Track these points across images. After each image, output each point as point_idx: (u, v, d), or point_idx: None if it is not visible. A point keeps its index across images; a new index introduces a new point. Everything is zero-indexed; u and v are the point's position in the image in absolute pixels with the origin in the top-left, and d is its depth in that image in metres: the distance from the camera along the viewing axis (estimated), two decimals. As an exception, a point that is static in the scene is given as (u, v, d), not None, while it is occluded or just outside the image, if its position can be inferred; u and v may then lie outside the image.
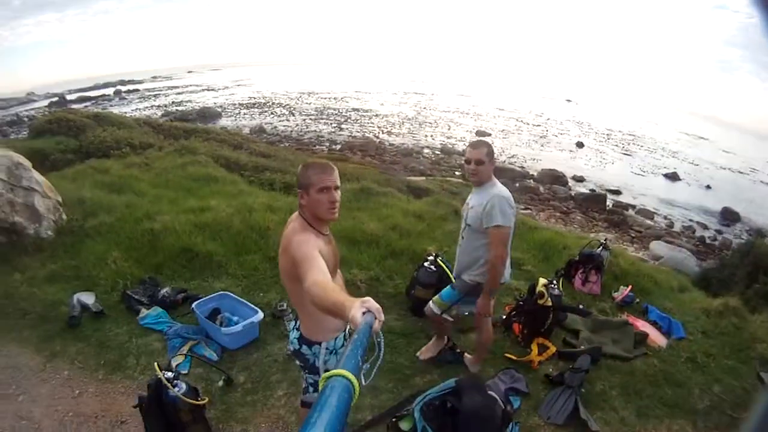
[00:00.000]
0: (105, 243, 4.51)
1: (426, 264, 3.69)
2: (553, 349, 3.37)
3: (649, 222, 14.50)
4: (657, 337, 3.71)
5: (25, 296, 3.62)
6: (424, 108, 38.06)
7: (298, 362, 2.02)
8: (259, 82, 55.44)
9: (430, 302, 2.96)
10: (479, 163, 2.54)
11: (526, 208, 12.76)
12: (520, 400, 2.91)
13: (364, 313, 1.10)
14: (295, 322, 1.99)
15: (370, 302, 1.13)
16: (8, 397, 2.67)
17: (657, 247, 9.67)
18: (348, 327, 1.99)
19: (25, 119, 16.62)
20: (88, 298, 3.66)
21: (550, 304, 3.36)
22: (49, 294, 3.68)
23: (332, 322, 1.87)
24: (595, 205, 14.94)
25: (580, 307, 3.96)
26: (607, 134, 34.01)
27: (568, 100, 56.32)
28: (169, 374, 2.23)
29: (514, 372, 3.13)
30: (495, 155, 2.68)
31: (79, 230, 4.70)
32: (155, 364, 2.24)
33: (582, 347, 3.39)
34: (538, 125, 33.99)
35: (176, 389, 2.21)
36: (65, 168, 6.93)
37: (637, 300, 4.26)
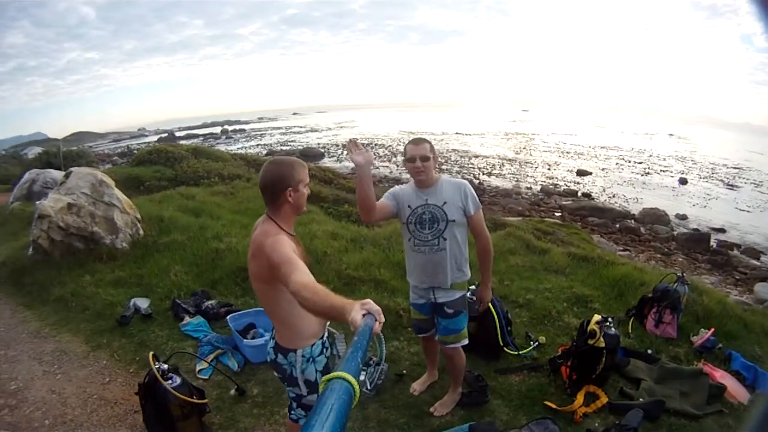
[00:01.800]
0: (171, 257, 5.21)
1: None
2: (604, 399, 3.02)
3: (755, 262, 13.22)
4: (737, 391, 3.19)
5: (89, 295, 4.35)
6: (524, 148, 38.21)
7: (276, 374, 2.03)
8: (363, 124, 59.41)
9: (453, 345, 2.81)
10: (425, 159, 2.53)
11: (624, 250, 11.91)
12: (547, 456, 2.67)
13: (364, 315, 1.14)
14: (272, 331, 2.02)
15: (371, 304, 1.18)
16: (49, 373, 3.23)
17: (762, 289, 8.39)
18: (326, 333, 2.04)
19: (135, 151, 19.81)
20: (142, 303, 4.26)
21: (602, 345, 3.05)
22: (111, 296, 4.37)
23: (308, 328, 1.91)
24: (698, 245, 14.13)
25: (648, 351, 3.52)
26: (712, 169, 32.72)
27: (671, 135, 56.25)
28: (164, 366, 2.49)
29: (551, 423, 2.85)
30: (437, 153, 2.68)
31: (152, 245, 5.50)
32: (150, 354, 2.54)
33: (641, 399, 3.01)
34: (640, 162, 33.20)
35: (168, 382, 2.45)
36: (157, 193, 8.15)
37: (720, 345, 3.72)
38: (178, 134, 46.44)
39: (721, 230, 17.04)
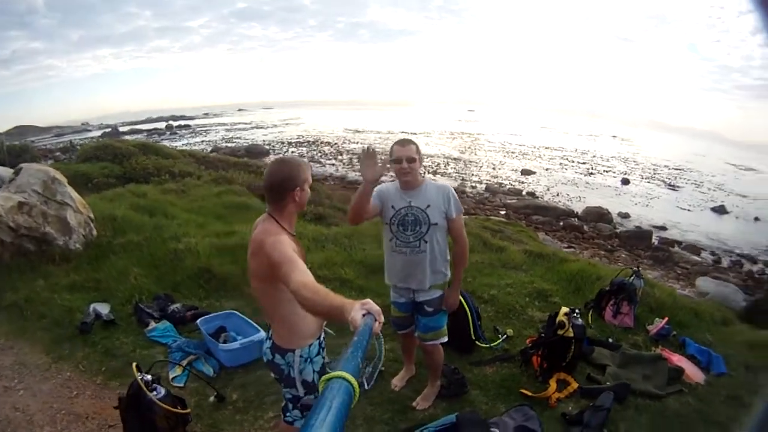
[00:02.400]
0: (129, 259, 4.91)
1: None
2: (574, 385, 3.22)
3: (695, 258, 14.41)
4: (694, 373, 3.50)
5: (44, 301, 4.01)
6: (470, 148, 38.65)
7: (273, 375, 2.02)
8: (308, 121, 58.30)
9: (432, 342, 2.86)
10: (411, 161, 2.53)
11: (569, 247, 12.58)
12: (530, 440, 2.78)
13: (364, 315, 1.14)
14: (268, 331, 2.00)
15: (370, 304, 1.17)
16: (10, 389, 2.96)
17: (703, 283, 9.23)
18: (323, 334, 2.04)
19: (78, 147, 18.48)
20: (102, 308, 3.99)
21: (571, 335, 3.25)
22: (68, 301, 4.05)
23: (306, 328, 1.90)
24: (641, 242, 14.95)
25: (609, 340, 3.77)
26: (653, 169, 34.16)
27: (614, 137, 57.61)
28: (148, 377, 2.36)
29: (528, 409, 2.98)
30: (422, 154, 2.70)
31: (106, 246, 5.15)
32: (134, 365, 2.39)
33: (607, 383, 3.23)
34: (584, 163, 34.27)
35: (153, 393, 2.32)
36: (106, 190, 7.65)
37: (674, 333, 4.06)
38: (121, 129, 43.79)
39: (663, 228, 17.84)
